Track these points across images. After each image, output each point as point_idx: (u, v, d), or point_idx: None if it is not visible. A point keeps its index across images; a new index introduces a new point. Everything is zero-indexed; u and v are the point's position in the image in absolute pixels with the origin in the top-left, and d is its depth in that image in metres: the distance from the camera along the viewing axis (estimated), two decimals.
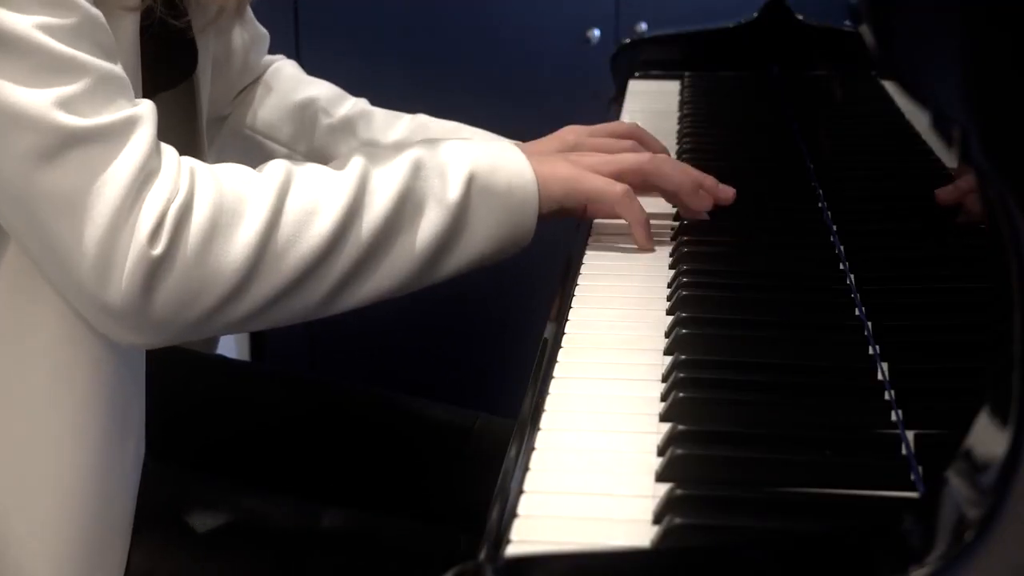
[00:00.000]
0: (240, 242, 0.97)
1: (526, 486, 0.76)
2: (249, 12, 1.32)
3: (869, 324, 0.96)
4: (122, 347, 1.05)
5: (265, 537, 1.15)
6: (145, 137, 0.96)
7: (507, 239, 1.09)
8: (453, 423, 1.32)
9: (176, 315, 0.97)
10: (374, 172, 1.04)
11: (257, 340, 2.45)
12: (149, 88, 1.08)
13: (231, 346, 2.40)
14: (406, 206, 1.04)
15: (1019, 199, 0.60)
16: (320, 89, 1.38)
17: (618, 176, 1.13)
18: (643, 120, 1.36)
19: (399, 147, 1.09)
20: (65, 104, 0.93)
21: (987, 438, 0.63)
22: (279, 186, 1.00)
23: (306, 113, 1.35)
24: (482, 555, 0.70)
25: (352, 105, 1.36)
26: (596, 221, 1.22)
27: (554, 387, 0.89)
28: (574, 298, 1.05)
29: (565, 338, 0.97)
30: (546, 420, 0.84)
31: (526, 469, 0.78)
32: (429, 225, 1.05)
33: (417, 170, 1.05)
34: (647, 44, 1.89)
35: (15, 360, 1.03)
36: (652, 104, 1.70)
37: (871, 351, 0.92)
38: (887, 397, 0.85)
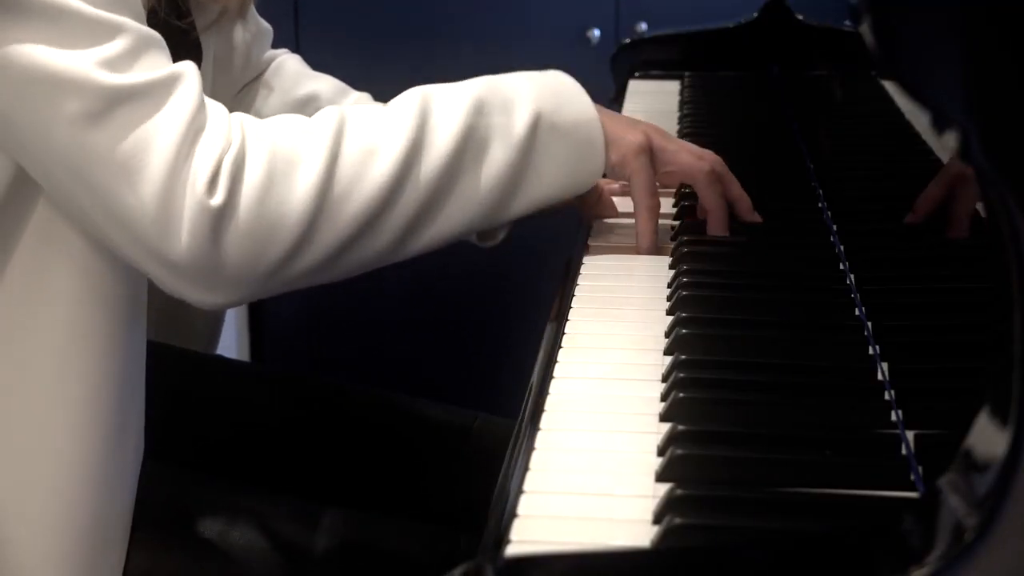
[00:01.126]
0: (300, 188, 0.96)
1: (526, 486, 0.76)
2: (252, 8, 1.32)
3: (869, 324, 0.96)
4: (124, 348, 1.04)
5: (264, 537, 1.15)
6: (191, 92, 0.96)
7: (574, 178, 1.08)
8: (453, 423, 1.32)
9: (247, 266, 0.96)
10: (434, 109, 1.03)
11: (257, 340, 2.45)
12: None
13: (231, 346, 2.40)
14: (470, 144, 1.03)
15: (1019, 199, 0.60)
16: (322, 84, 1.37)
17: (671, 167, 1.13)
18: (643, 120, 1.36)
19: (461, 84, 1.07)
20: (107, 64, 0.93)
21: (987, 438, 0.63)
22: (334, 130, 0.99)
23: (307, 109, 1.35)
24: (482, 555, 0.70)
25: (354, 100, 1.36)
26: (596, 221, 1.22)
27: (554, 387, 0.89)
28: (574, 298, 1.05)
29: (565, 338, 0.97)
30: (546, 420, 0.84)
31: (526, 469, 0.78)
32: (495, 163, 1.03)
33: (480, 106, 1.04)
34: (647, 44, 1.89)
35: (16, 361, 1.03)
36: (652, 104, 1.70)
37: (871, 351, 0.92)
38: (887, 397, 0.85)
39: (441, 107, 1.04)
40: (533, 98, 1.07)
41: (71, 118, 0.92)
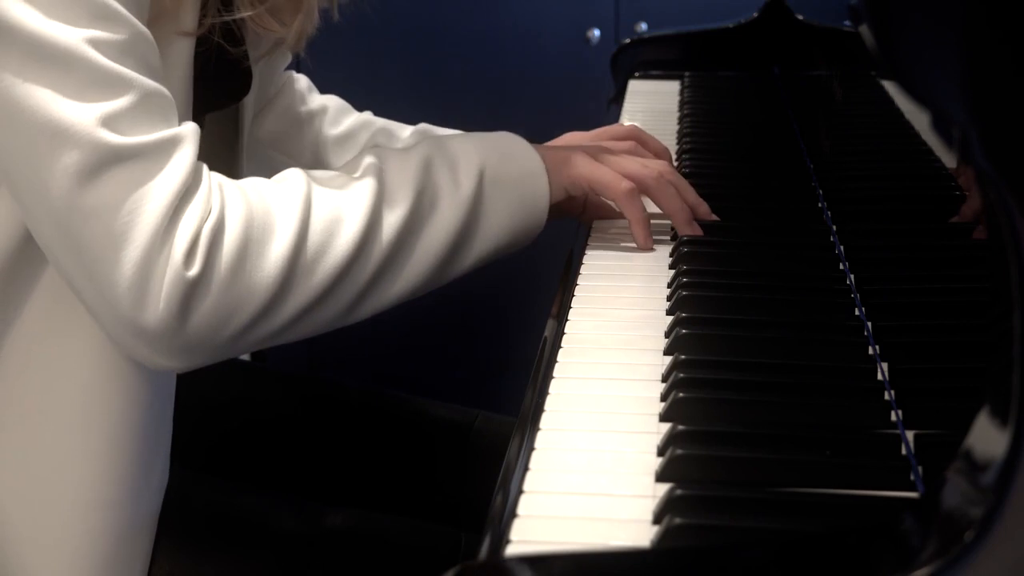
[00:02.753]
0: (272, 257, 0.97)
1: (526, 486, 0.76)
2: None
3: (869, 324, 0.96)
4: (155, 375, 1.05)
5: (266, 535, 1.15)
6: (186, 158, 0.95)
7: (520, 228, 1.09)
8: (454, 421, 1.32)
9: (211, 336, 0.96)
10: (388, 173, 1.04)
11: None
12: (199, 109, 1.08)
13: None
14: (423, 203, 1.04)
15: (1019, 199, 0.60)
16: (326, 102, 1.38)
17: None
18: (643, 120, 1.36)
19: (406, 148, 1.08)
20: (109, 121, 0.92)
21: (987, 438, 0.63)
22: (303, 197, 0.99)
23: (311, 125, 1.35)
24: (482, 555, 0.70)
25: (356, 118, 1.37)
26: (596, 221, 1.22)
27: (554, 387, 0.89)
28: (574, 298, 1.05)
29: (565, 338, 0.97)
30: (546, 420, 0.84)
31: (526, 469, 0.78)
32: (445, 220, 1.04)
33: (428, 167, 1.05)
34: (647, 44, 1.89)
35: (47, 386, 1.03)
36: (652, 104, 1.70)
37: (871, 351, 0.92)
38: (887, 397, 0.85)
39: (394, 172, 1.04)
40: (477, 154, 1.08)
41: (66, 170, 0.92)
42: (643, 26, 2.28)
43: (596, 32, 2.28)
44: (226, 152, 1.21)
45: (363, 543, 1.16)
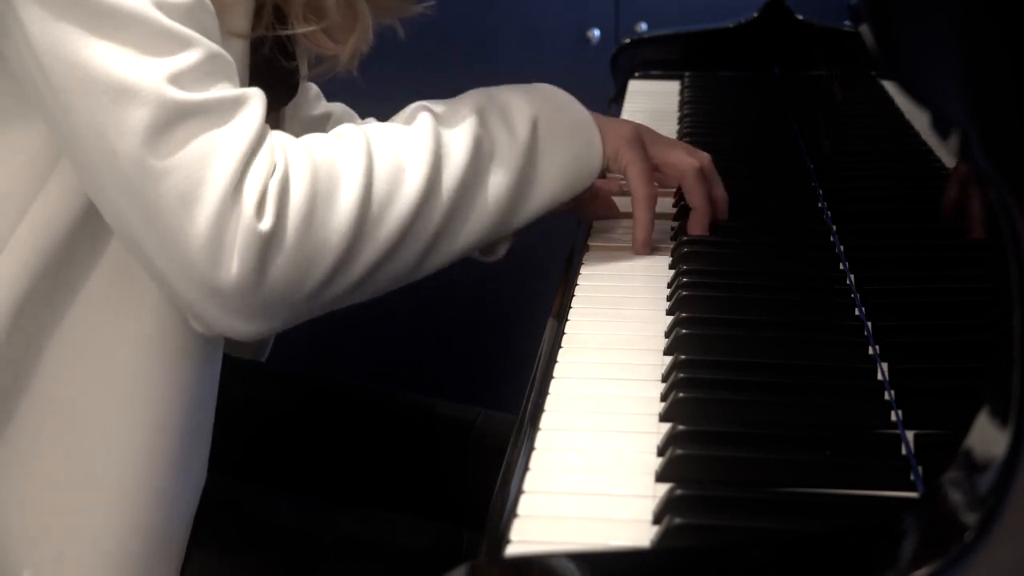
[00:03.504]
0: (342, 208, 0.96)
1: (526, 486, 0.76)
2: None
3: (869, 324, 0.96)
4: (203, 368, 1.04)
5: (266, 534, 1.15)
6: (255, 115, 0.95)
7: (577, 176, 1.09)
8: (455, 419, 1.32)
9: (289, 293, 0.95)
10: (444, 123, 1.04)
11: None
12: None
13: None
14: (481, 153, 1.04)
15: (1019, 199, 0.60)
16: (332, 109, 1.38)
17: (661, 166, 1.14)
18: (643, 120, 1.35)
19: (456, 99, 1.08)
20: (176, 78, 0.92)
21: (987, 438, 0.63)
22: (365, 149, 0.99)
23: (315, 129, 1.36)
24: (482, 555, 0.70)
25: (362, 123, 1.37)
26: (596, 221, 1.22)
27: (554, 387, 0.89)
28: (574, 298, 1.05)
29: (565, 338, 0.97)
30: (546, 420, 0.84)
31: (526, 469, 0.78)
32: (503, 172, 1.04)
33: (483, 115, 1.05)
34: (647, 44, 1.89)
35: (92, 380, 1.03)
36: (652, 104, 1.70)
37: (871, 351, 0.92)
38: (887, 397, 0.85)
39: (448, 120, 1.04)
40: (529, 104, 1.08)
41: (135, 128, 0.91)
42: (643, 26, 2.28)
43: (596, 32, 2.28)
44: None
45: (365, 540, 1.16)
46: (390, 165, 0.99)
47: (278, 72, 1.11)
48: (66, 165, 0.98)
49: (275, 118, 1.21)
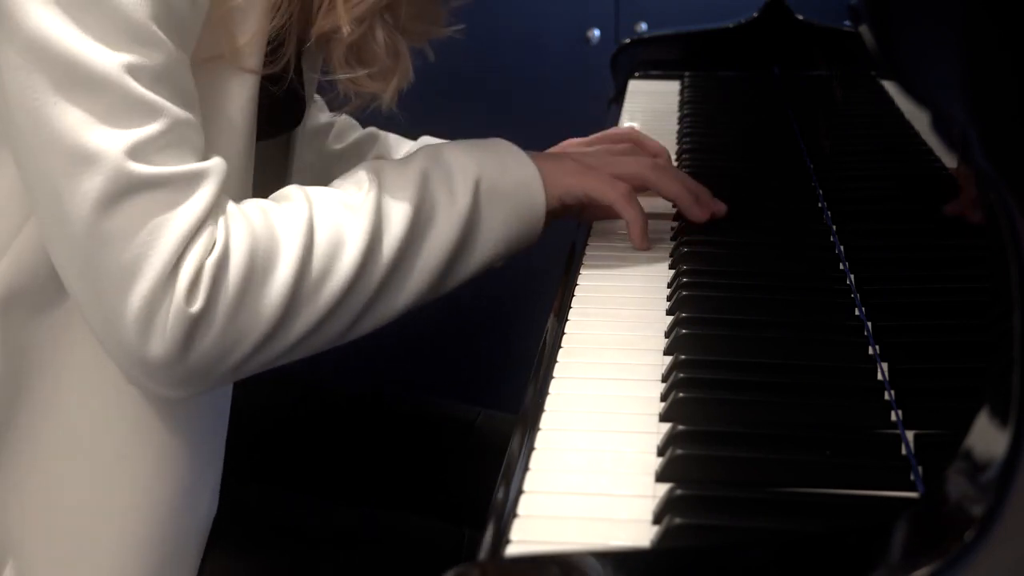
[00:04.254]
0: (276, 286, 0.96)
1: (526, 486, 0.76)
2: None
3: (869, 324, 0.96)
4: (206, 402, 1.05)
5: (268, 534, 1.15)
6: (207, 193, 0.95)
7: (516, 237, 1.09)
8: (455, 419, 1.32)
9: (213, 367, 0.96)
10: (386, 189, 1.03)
11: None
12: (256, 138, 1.07)
13: None
14: (420, 219, 1.03)
15: (1019, 199, 0.60)
16: (334, 119, 1.38)
17: (618, 179, 1.13)
18: (643, 120, 1.36)
19: (403, 160, 1.08)
20: (137, 149, 0.92)
21: (987, 438, 0.63)
22: (306, 220, 0.99)
23: (318, 140, 1.36)
24: (482, 555, 0.70)
25: (360, 133, 1.37)
26: (596, 221, 1.22)
27: (554, 387, 0.89)
28: (574, 298, 1.05)
29: (565, 338, 0.97)
30: (546, 420, 0.84)
31: (526, 469, 0.78)
32: (443, 234, 1.04)
33: (425, 181, 1.05)
34: (647, 44, 1.89)
35: (104, 383, 1.03)
36: (652, 104, 1.70)
37: (871, 351, 0.92)
38: (887, 397, 0.85)
39: (391, 184, 1.04)
40: (473, 165, 1.07)
41: (87, 195, 0.91)
42: (643, 26, 2.27)
43: (596, 32, 2.28)
44: (275, 177, 1.21)
45: (366, 540, 1.16)
46: (328, 238, 0.99)
47: (291, 97, 1.11)
48: None
49: (287, 139, 1.21)
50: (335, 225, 1.00)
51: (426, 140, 1.37)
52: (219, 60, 0.99)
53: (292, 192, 1.02)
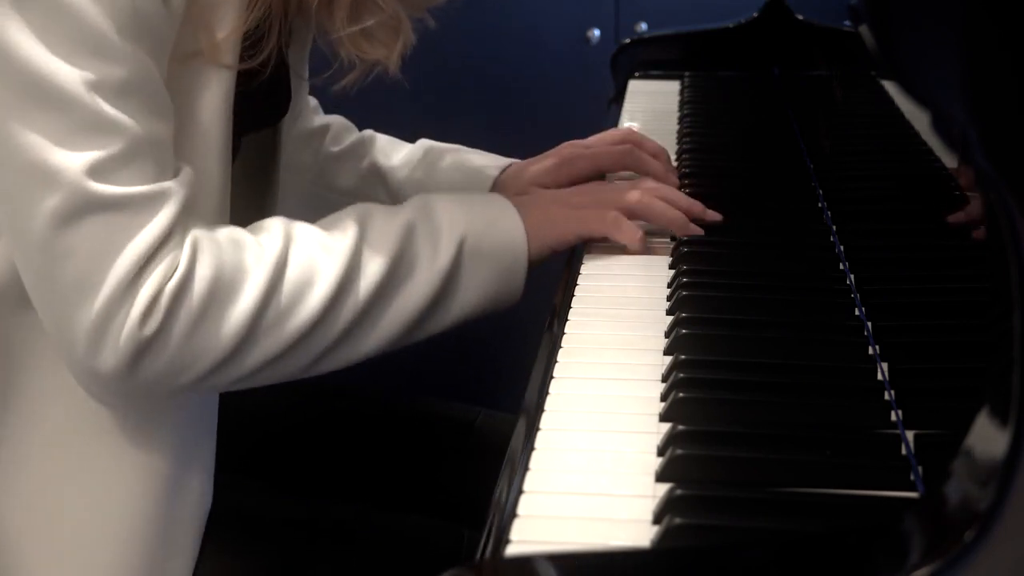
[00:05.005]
0: (234, 317, 0.97)
1: (526, 486, 0.76)
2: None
3: (869, 324, 0.96)
4: (193, 397, 1.06)
5: (267, 534, 1.15)
6: (167, 215, 0.95)
7: (495, 297, 1.09)
8: (455, 419, 1.32)
9: (161, 385, 0.98)
10: (369, 236, 1.04)
11: None
12: (238, 132, 1.07)
13: None
14: (398, 271, 1.04)
15: (1019, 199, 0.60)
16: (329, 121, 1.38)
17: (606, 207, 1.14)
18: (643, 120, 1.36)
19: (394, 209, 1.08)
20: (97, 168, 0.92)
21: (987, 438, 0.63)
22: (278, 255, 0.99)
23: (315, 142, 1.36)
24: (482, 555, 0.70)
25: (357, 136, 1.37)
26: None
27: (554, 387, 0.89)
28: (574, 298, 1.05)
29: (565, 338, 0.97)
30: (546, 420, 0.84)
31: (526, 469, 0.78)
32: (419, 289, 1.05)
33: (409, 234, 1.05)
34: (647, 44, 1.89)
35: (82, 409, 1.03)
36: (652, 104, 1.70)
37: (871, 351, 0.92)
38: (887, 397, 0.85)
39: (374, 237, 1.04)
40: (461, 222, 1.07)
41: (45, 212, 0.92)
42: (643, 26, 2.27)
43: (596, 32, 2.28)
44: (262, 179, 1.21)
45: (366, 539, 1.16)
46: (299, 276, 0.99)
47: (275, 88, 1.11)
48: None
49: (273, 131, 1.21)
50: (308, 264, 1.00)
51: (425, 143, 1.36)
52: (197, 57, 0.99)
53: (273, 225, 1.02)
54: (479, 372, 2.36)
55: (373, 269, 1.02)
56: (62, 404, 1.03)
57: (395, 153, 1.35)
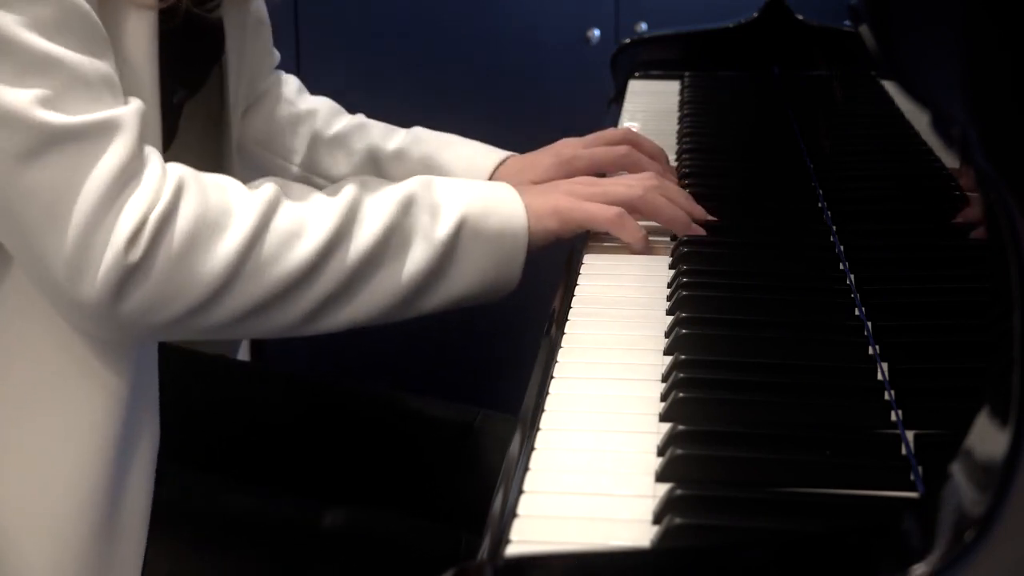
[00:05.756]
0: (218, 256, 0.98)
1: (526, 486, 0.76)
2: (268, 31, 1.32)
3: (869, 324, 0.96)
4: (135, 353, 1.05)
5: (266, 535, 1.15)
6: (128, 139, 0.97)
7: (492, 283, 1.09)
8: (454, 420, 1.32)
9: (144, 318, 0.98)
10: (365, 202, 1.05)
11: (258, 340, 2.45)
12: (171, 82, 1.08)
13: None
14: (393, 239, 1.04)
15: (1019, 199, 0.60)
16: (318, 103, 1.38)
17: (609, 203, 1.13)
18: (643, 120, 1.36)
19: (397, 184, 1.09)
20: (47, 102, 0.94)
21: (987, 438, 0.63)
22: (267, 203, 1.01)
23: (302, 127, 1.35)
24: (482, 555, 0.70)
25: (349, 120, 1.37)
26: None
27: (554, 387, 0.89)
28: (574, 298, 1.05)
29: (565, 338, 0.97)
30: (546, 420, 0.84)
31: (526, 469, 0.78)
32: (414, 261, 1.05)
33: (409, 205, 1.06)
34: (647, 44, 1.89)
35: (29, 366, 1.03)
36: (652, 104, 1.70)
37: (871, 351, 0.92)
38: (887, 397, 0.85)
39: (372, 202, 1.05)
40: (462, 202, 1.08)
41: (6, 152, 0.93)
42: (643, 26, 2.28)
43: (596, 32, 2.28)
44: (213, 149, 1.21)
45: (363, 542, 1.16)
46: (289, 226, 1.01)
47: (196, 27, 1.11)
48: None
49: (220, 106, 1.22)
50: (299, 216, 1.01)
51: (419, 131, 1.36)
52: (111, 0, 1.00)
53: (267, 181, 1.04)
54: (479, 372, 2.36)
55: (367, 231, 1.03)
56: (13, 369, 1.04)
57: (390, 140, 1.35)
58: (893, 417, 0.82)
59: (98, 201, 0.94)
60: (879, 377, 0.88)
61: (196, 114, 1.23)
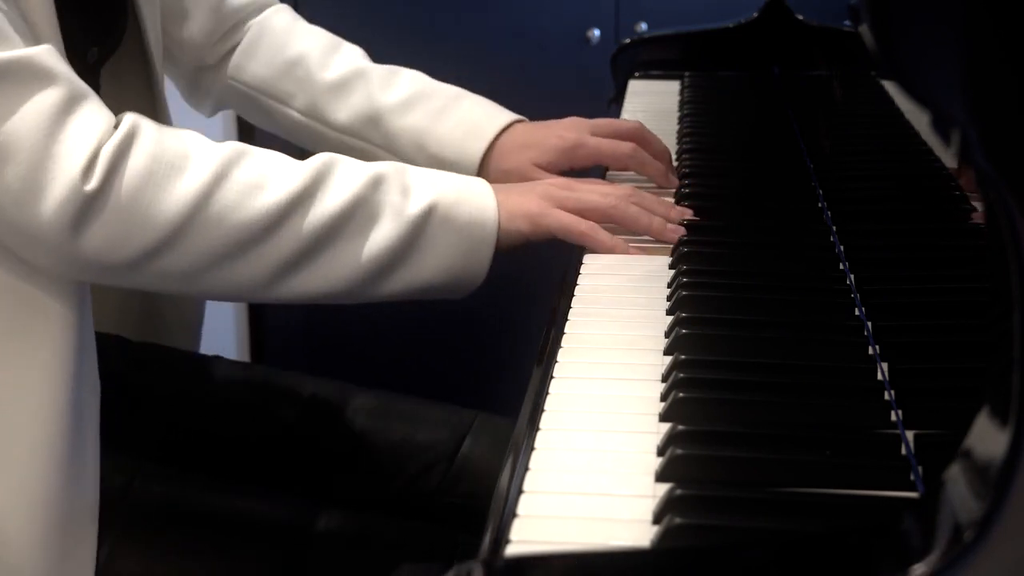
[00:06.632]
0: (177, 194, 0.99)
1: (526, 486, 0.76)
2: None
3: (869, 324, 0.96)
4: (67, 342, 1.05)
5: (264, 537, 1.15)
6: (55, 72, 0.97)
7: (458, 274, 1.09)
8: (453, 421, 1.32)
9: (103, 253, 0.98)
10: (336, 170, 1.05)
11: (257, 340, 2.45)
12: (84, 44, 1.08)
13: (231, 346, 2.40)
14: (360, 211, 1.04)
15: (1019, 199, 0.60)
16: (313, 41, 1.36)
17: (581, 215, 1.13)
18: (643, 120, 1.36)
19: (379, 163, 1.08)
20: None
21: (987, 438, 0.63)
22: (230, 155, 1.01)
23: (299, 69, 1.34)
24: (482, 555, 0.70)
25: (347, 62, 1.34)
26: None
27: (554, 387, 0.89)
28: (574, 298, 1.05)
29: (565, 338, 0.97)
30: (546, 420, 0.84)
31: (526, 469, 0.78)
32: (381, 236, 1.05)
33: (379, 183, 1.06)
34: (647, 44, 1.89)
35: None
36: (652, 104, 1.70)
37: (871, 351, 0.92)
38: (887, 397, 0.85)
39: (342, 172, 1.05)
40: (435, 187, 1.08)
41: None
42: (643, 26, 2.28)
43: (596, 32, 2.28)
44: (146, 110, 1.21)
45: (361, 544, 1.16)
46: (250, 179, 1.01)
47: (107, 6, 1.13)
48: None
49: (143, 60, 1.23)
50: (264, 170, 1.02)
51: (421, 80, 1.35)
52: None
53: (234, 142, 1.04)
54: (479, 372, 2.36)
55: (334, 197, 1.03)
56: None
57: (390, 88, 1.33)
58: (893, 417, 0.82)
59: (41, 129, 0.95)
60: (879, 377, 0.88)
61: (122, 73, 1.23)
